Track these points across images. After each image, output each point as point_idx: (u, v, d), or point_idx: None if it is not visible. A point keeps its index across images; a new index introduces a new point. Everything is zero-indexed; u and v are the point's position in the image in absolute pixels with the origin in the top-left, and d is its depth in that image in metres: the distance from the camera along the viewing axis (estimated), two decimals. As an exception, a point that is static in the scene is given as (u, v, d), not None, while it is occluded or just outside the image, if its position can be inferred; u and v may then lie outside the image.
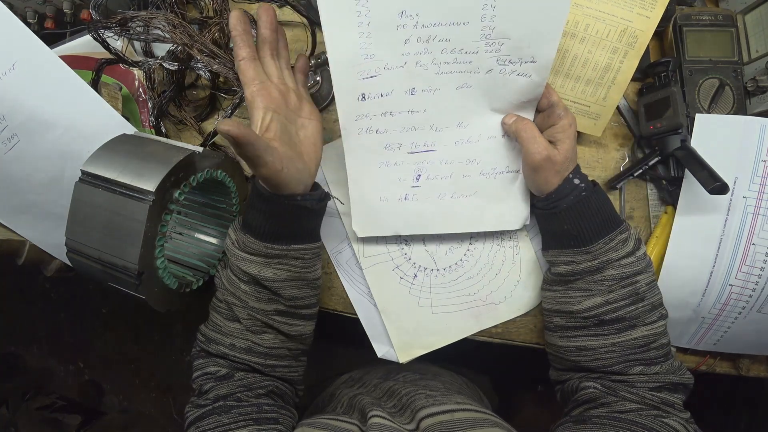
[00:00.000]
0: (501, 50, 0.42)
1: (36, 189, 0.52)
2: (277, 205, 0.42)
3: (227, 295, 0.45)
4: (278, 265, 0.43)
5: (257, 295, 0.44)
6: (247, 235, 0.43)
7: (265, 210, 0.42)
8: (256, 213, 0.43)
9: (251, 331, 0.45)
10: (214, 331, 0.46)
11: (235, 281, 0.44)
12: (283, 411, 0.45)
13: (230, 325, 0.45)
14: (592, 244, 0.43)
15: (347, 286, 0.56)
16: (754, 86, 0.48)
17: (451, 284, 0.55)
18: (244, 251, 0.43)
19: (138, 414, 1.52)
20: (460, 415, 0.43)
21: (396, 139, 0.48)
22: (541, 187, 0.45)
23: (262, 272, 0.43)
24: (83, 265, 0.44)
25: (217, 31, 0.52)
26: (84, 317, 1.56)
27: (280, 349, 0.47)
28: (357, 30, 0.41)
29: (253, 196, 0.43)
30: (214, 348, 0.46)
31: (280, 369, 0.48)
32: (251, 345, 0.45)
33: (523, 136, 0.44)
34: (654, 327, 0.43)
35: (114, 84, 0.53)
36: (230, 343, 0.45)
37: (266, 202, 0.42)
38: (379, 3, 0.40)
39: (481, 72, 0.44)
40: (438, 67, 0.43)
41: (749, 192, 0.47)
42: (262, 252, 0.43)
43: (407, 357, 0.55)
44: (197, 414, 0.43)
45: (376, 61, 0.43)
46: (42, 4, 0.52)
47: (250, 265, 0.43)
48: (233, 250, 0.44)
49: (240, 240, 0.43)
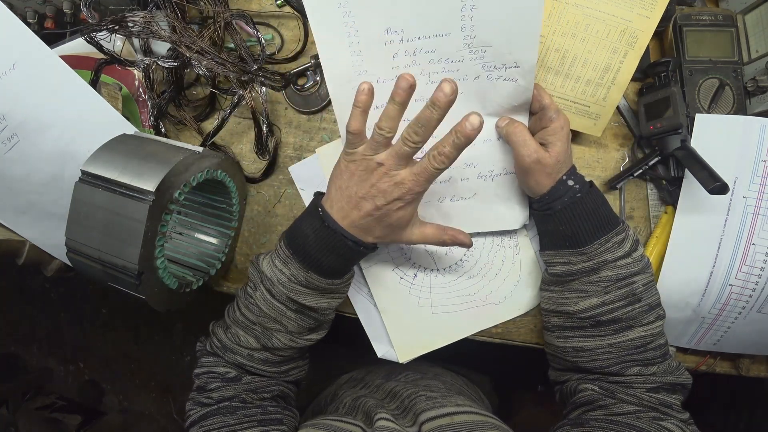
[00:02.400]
0: (485, 57, 0.43)
1: (36, 189, 0.52)
2: (354, 252, 0.44)
3: (267, 320, 0.45)
4: (331, 294, 0.46)
5: (301, 322, 0.45)
6: (312, 273, 0.43)
7: (342, 255, 0.43)
8: (332, 256, 0.43)
9: (276, 348, 0.46)
10: (233, 342, 0.46)
11: (280, 308, 0.44)
12: (287, 412, 0.46)
13: (256, 345, 0.46)
14: (588, 245, 0.43)
15: (347, 286, 0.56)
16: (754, 86, 0.48)
17: (451, 284, 0.55)
18: (306, 287, 0.43)
19: (138, 414, 1.52)
20: (460, 418, 0.43)
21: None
22: (534, 188, 0.45)
23: (318, 303, 0.45)
24: (83, 265, 0.44)
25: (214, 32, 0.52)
26: (84, 317, 1.56)
27: (294, 351, 0.48)
28: (349, 49, 0.43)
29: (333, 241, 0.42)
30: (229, 356, 0.46)
31: (293, 372, 0.49)
32: (269, 357, 0.46)
33: (513, 140, 0.45)
34: (651, 328, 0.43)
35: (114, 84, 0.53)
36: (248, 354, 0.46)
37: (349, 250, 0.43)
38: (366, 23, 0.42)
39: (470, 79, 0.45)
40: (428, 77, 0.45)
41: (749, 192, 0.47)
42: (323, 287, 0.44)
43: (407, 357, 0.55)
44: (201, 413, 0.43)
45: (369, 76, 0.45)
46: (42, 4, 0.52)
47: (307, 298, 0.44)
48: (290, 285, 0.43)
49: (301, 276, 0.43)
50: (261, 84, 0.51)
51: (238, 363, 0.46)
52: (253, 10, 0.57)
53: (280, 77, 0.51)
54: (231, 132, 0.58)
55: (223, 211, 0.54)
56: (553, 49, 0.49)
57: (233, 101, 0.53)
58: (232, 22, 0.52)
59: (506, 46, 0.42)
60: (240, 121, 0.58)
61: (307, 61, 0.55)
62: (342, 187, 0.42)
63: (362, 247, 0.43)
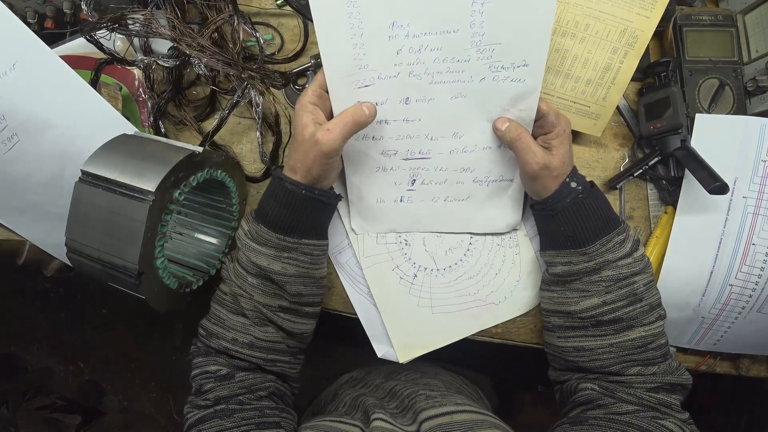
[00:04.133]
0: (492, 56, 0.42)
1: (36, 189, 0.52)
2: (297, 197, 0.43)
3: (234, 287, 0.46)
4: (287, 259, 0.45)
5: (263, 288, 0.45)
6: (261, 225, 0.44)
7: (284, 200, 0.43)
8: (274, 203, 0.44)
9: (255, 324, 0.46)
10: (216, 324, 0.46)
11: (242, 273, 0.45)
12: (285, 414, 0.45)
13: (234, 319, 0.46)
14: (589, 245, 0.43)
15: (347, 286, 0.56)
16: (754, 86, 0.48)
17: (451, 284, 0.55)
18: (257, 242, 0.44)
19: (138, 414, 1.52)
20: (459, 417, 0.43)
21: (392, 146, 0.49)
22: (540, 192, 0.45)
23: (271, 265, 0.44)
24: (83, 265, 0.44)
25: (215, 31, 0.52)
26: (84, 317, 1.56)
27: (280, 344, 0.47)
28: (351, 41, 0.42)
29: (274, 186, 0.44)
30: (215, 342, 0.46)
31: (281, 364, 0.48)
32: (253, 340, 0.46)
33: (518, 146, 0.44)
34: (652, 328, 0.43)
35: (114, 84, 0.53)
36: (232, 338, 0.45)
37: (288, 193, 0.43)
38: (371, 15, 0.41)
39: (475, 81, 0.44)
40: (431, 77, 0.44)
41: (749, 192, 0.47)
42: (274, 243, 0.44)
43: (407, 357, 0.55)
44: (198, 416, 0.43)
45: (370, 71, 0.44)
46: (42, 4, 0.53)
47: (260, 257, 0.44)
48: (245, 241, 0.45)
49: (253, 230, 0.44)
50: (265, 84, 0.51)
51: (224, 348, 0.45)
52: (253, 10, 0.57)
53: (280, 77, 0.51)
54: (231, 132, 0.58)
55: (223, 211, 0.54)
56: (553, 49, 0.49)
57: (232, 101, 0.53)
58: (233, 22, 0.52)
59: (516, 43, 0.41)
60: (240, 121, 0.58)
61: (307, 61, 0.55)
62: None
63: (303, 190, 0.43)
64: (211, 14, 0.52)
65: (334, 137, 0.42)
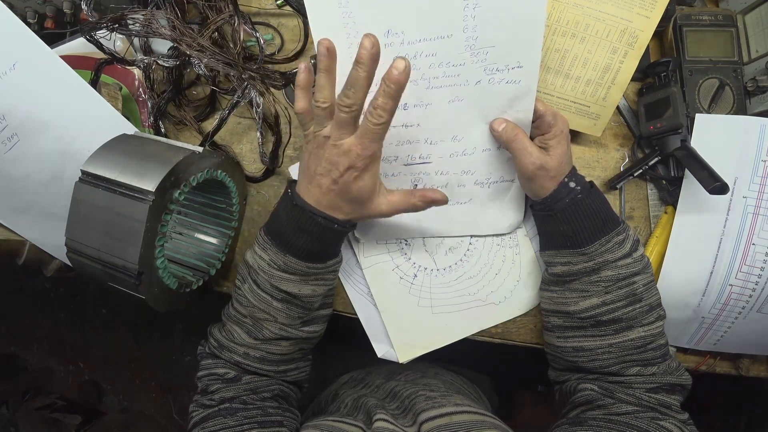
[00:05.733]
0: (487, 59, 0.43)
1: (36, 189, 0.52)
2: (330, 231, 0.43)
3: (256, 311, 0.45)
4: (315, 281, 0.45)
5: (288, 312, 0.45)
6: (289, 256, 0.43)
7: (317, 235, 0.42)
8: (305, 236, 0.42)
9: (269, 341, 0.46)
10: (228, 339, 0.46)
11: (267, 299, 0.44)
12: (287, 414, 0.46)
13: (248, 339, 0.45)
14: (588, 245, 0.43)
15: (347, 286, 0.56)
16: (754, 86, 0.48)
17: (451, 284, 0.55)
18: (284, 271, 0.43)
19: (138, 414, 1.52)
20: (459, 418, 0.43)
21: (392, 152, 0.49)
22: (538, 192, 0.45)
23: (301, 290, 0.44)
24: (83, 265, 0.44)
25: (215, 31, 0.52)
26: (84, 317, 1.56)
27: (292, 353, 0.48)
28: (348, 51, 0.43)
29: (302, 219, 0.42)
30: (226, 355, 0.46)
31: (291, 373, 0.49)
32: (265, 355, 0.46)
33: (514, 147, 0.44)
34: (651, 328, 0.43)
35: (114, 84, 0.53)
36: (244, 353, 0.45)
37: (321, 228, 0.42)
38: (366, 25, 0.42)
39: (470, 84, 0.44)
40: (428, 82, 0.45)
41: (749, 192, 0.47)
42: (303, 271, 0.43)
43: (407, 357, 0.55)
44: (203, 414, 0.43)
45: None
46: (42, 4, 0.53)
47: (289, 284, 0.43)
48: (270, 271, 0.43)
49: (279, 260, 0.43)
50: (266, 85, 0.51)
51: (235, 361, 0.46)
52: (253, 10, 0.57)
53: (280, 77, 0.51)
54: (231, 132, 0.58)
55: (223, 211, 0.54)
56: (553, 49, 0.49)
57: (233, 101, 0.53)
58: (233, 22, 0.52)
59: (510, 45, 0.42)
60: (240, 121, 0.58)
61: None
62: (304, 167, 0.42)
63: (336, 225, 0.42)
64: (211, 14, 0.52)
65: (394, 206, 0.44)
